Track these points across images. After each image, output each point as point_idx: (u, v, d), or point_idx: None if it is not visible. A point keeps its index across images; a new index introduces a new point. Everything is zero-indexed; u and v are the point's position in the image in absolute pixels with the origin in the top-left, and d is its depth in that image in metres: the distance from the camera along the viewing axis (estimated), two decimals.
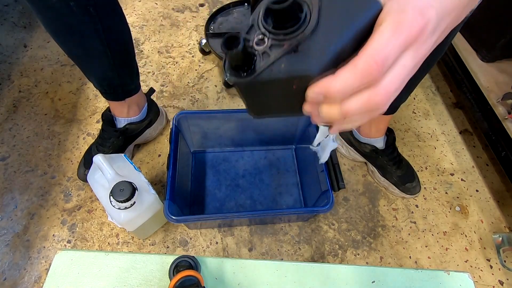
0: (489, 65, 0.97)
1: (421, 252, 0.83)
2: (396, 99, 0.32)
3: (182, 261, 0.44)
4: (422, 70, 0.68)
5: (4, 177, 0.88)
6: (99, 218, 0.82)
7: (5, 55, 1.13)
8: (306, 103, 0.24)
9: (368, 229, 0.85)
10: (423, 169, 0.97)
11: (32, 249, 0.78)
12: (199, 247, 0.80)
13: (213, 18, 1.12)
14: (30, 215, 0.82)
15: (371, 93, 0.21)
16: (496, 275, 0.81)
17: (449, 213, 0.89)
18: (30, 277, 0.74)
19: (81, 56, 0.68)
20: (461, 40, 1.02)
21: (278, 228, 0.84)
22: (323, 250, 0.81)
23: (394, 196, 0.91)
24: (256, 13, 0.24)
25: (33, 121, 0.98)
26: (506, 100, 0.86)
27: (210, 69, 1.15)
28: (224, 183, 0.89)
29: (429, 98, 1.14)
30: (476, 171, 0.98)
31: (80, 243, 0.79)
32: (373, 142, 0.87)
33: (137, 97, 0.83)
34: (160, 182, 0.89)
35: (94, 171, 0.70)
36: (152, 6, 1.33)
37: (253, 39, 0.23)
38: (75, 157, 0.92)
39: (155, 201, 0.69)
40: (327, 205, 0.66)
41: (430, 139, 1.04)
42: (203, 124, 0.83)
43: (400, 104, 0.77)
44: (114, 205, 0.63)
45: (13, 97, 1.03)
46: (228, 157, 0.93)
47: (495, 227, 0.88)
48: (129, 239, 0.80)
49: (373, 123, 0.83)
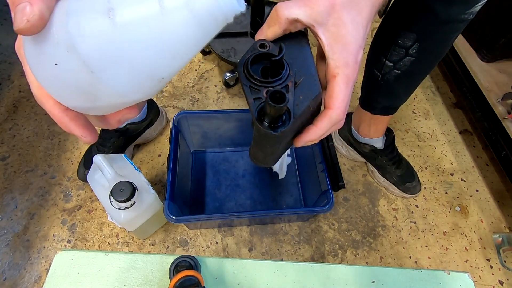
0: (489, 65, 0.97)
1: (421, 252, 0.83)
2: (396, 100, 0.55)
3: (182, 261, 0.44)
4: (423, 72, 0.69)
5: (4, 177, 0.88)
6: (99, 218, 0.82)
7: (5, 55, 1.13)
8: (299, 142, 0.35)
9: (368, 229, 0.85)
10: (423, 169, 0.97)
11: (32, 249, 0.78)
12: (199, 247, 0.80)
13: None
14: (30, 215, 0.82)
15: (337, 124, 0.33)
16: (496, 275, 0.81)
17: (449, 213, 0.89)
18: (30, 277, 0.74)
19: None
20: (461, 40, 1.02)
21: (278, 228, 0.84)
22: (323, 250, 0.81)
23: (394, 196, 0.91)
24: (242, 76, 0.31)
25: (33, 121, 0.98)
26: (506, 100, 0.86)
27: (210, 69, 1.15)
28: (224, 183, 0.89)
29: (429, 98, 1.14)
30: (476, 171, 0.98)
31: (80, 243, 0.79)
32: (372, 142, 0.87)
33: None
34: (160, 182, 0.89)
35: (94, 171, 0.70)
36: None
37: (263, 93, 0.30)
38: (75, 157, 0.92)
39: (155, 201, 0.69)
40: (327, 205, 0.67)
41: (430, 139, 1.04)
42: (203, 124, 0.83)
43: (400, 104, 0.77)
44: (114, 205, 0.63)
45: (13, 97, 1.03)
46: (228, 157, 0.93)
47: (495, 227, 0.88)
48: (129, 239, 0.80)
49: (372, 124, 0.83)
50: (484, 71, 0.95)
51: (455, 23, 0.56)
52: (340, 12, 0.30)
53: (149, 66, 0.20)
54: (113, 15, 0.18)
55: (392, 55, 0.64)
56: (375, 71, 0.69)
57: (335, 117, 0.31)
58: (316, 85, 0.32)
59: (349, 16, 0.31)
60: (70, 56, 0.19)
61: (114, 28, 0.18)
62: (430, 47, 0.61)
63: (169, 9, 0.18)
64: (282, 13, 0.30)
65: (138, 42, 0.19)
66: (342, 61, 0.31)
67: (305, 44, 0.33)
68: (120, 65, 0.19)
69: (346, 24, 0.30)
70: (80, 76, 0.19)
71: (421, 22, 0.57)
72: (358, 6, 0.31)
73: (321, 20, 0.30)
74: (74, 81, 0.20)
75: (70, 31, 0.18)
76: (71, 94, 0.21)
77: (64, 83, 0.20)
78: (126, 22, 0.18)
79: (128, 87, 0.21)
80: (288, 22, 0.31)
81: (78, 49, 0.18)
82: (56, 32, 0.19)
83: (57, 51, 0.19)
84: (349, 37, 0.31)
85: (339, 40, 0.31)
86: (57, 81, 0.20)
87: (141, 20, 0.18)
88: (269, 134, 0.29)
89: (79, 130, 0.25)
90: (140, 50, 0.19)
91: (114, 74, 0.19)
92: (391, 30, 0.63)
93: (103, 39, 0.18)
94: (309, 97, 0.31)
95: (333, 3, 0.30)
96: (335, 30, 0.31)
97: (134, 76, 0.20)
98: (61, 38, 0.18)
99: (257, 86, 0.30)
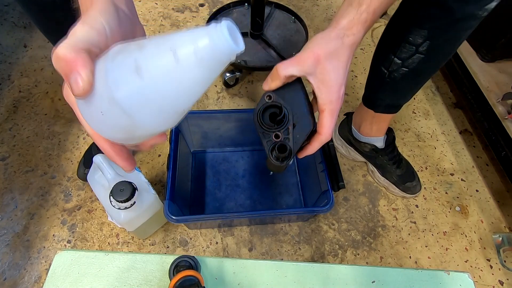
0: (489, 65, 0.97)
1: (421, 252, 0.83)
2: (401, 98, 0.73)
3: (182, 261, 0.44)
4: (430, 71, 0.68)
5: (4, 177, 0.88)
6: (99, 218, 0.82)
7: (5, 55, 1.13)
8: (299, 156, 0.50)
9: (368, 229, 0.85)
10: (423, 169, 0.97)
11: (32, 249, 0.78)
12: (199, 247, 0.80)
13: (213, 19, 1.12)
14: (30, 215, 0.82)
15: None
16: (496, 275, 0.81)
17: (449, 213, 0.89)
18: (30, 277, 0.74)
19: None
20: None
21: (278, 228, 0.84)
22: (323, 250, 0.81)
23: (394, 196, 0.91)
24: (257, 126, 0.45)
25: (33, 121, 0.98)
26: (506, 100, 0.86)
27: None
28: (224, 183, 0.89)
29: (429, 98, 1.14)
30: (476, 171, 0.98)
31: (80, 243, 0.79)
32: (373, 141, 0.87)
33: None
34: (160, 182, 0.89)
35: (94, 171, 0.70)
36: (152, 6, 1.33)
37: (272, 137, 0.44)
38: (75, 157, 0.92)
39: (155, 201, 0.69)
40: (327, 205, 0.66)
41: (430, 139, 1.04)
42: (203, 124, 0.83)
43: (404, 103, 0.77)
44: (114, 205, 0.63)
45: (13, 97, 1.03)
46: (228, 157, 0.93)
47: (495, 227, 0.88)
48: (129, 239, 0.80)
49: (374, 123, 0.83)
50: (484, 71, 0.95)
51: (470, 20, 0.55)
52: (323, 63, 0.41)
53: (172, 105, 0.25)
54: (140, 72, 0.23)
55: (402, 52, 0.63)
56: (383, 68, 0.69)
57: (324, 139, 0.45)
58: (308, 124, 0.45)
59: (331, 64, 0.41)
60: (112, 106, 0.24)
61: (142, 81, 0.23)
62: (441, 45, 0.60)
63: (182, 59, 0.23)
64: (281, 72, 0.42)
65: (162, 88, 0.24)
66: (327, 100, 0.42)
67: (299, 89, 0.45)
68: (150, 108, 0.24)
69: (329, 71, 0.41)
70: (120, 119, 0.25)
71: (434, 19, 0.56)
72: (338, 55, 0.42)
73: (310, 71, 0.42)
74: (116, 123, 0.25)
75: (110, 87, 0.24)
76: (114, 132, 0.27)
77: (108, 125, 0.26)
78: (150, 75, 0.23)
79: (157, 123, 0.26)
80: (286, 78, 0.42)
81: (117, 100, 0.24)
82: (99, 89, 0.24)
83: (101, 103, 0.24)
84: (332, 81, 0.42)
85: (324, 83, 0.42)
86: (103, 124, 0.26)
87: (162, 71, 0.23)
88: (277, 164, 0.45)
89: (122, 162, 0.32)
90: (164, 95, 0.24)
91: (145, 115, 0.25)
92: (401, 27, 0.62)
93: (135, 90, 0.23)
94: (303, 134, 0.45)
95: (317, 58, 0.41)
96: (321, 77, 0.42)
97: (161, 114, 0.26)
98: (104, 93, 0.24)
99: (268, 131, 0.44)
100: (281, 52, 1.05)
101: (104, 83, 0.24)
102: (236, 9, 1.17)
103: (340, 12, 0.44)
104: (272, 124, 0.43)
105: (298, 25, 1.14)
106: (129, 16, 0.32)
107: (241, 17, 1.15)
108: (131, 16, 0.32)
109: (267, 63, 1.03)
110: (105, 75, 0.24)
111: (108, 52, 0.25)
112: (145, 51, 0.23)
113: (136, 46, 0.24)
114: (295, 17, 1.15)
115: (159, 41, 0.24)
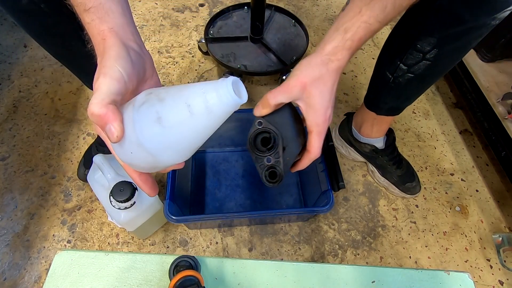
0: (489, 65, 0.97)
1: (421, 252, 0.83)
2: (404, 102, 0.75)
3: (182, 261, 0.44)
4: (436, 76, 0.68)
5: (4, 177, 0.88)
6: (99, 218, 0.82)
7: (5, 55, 1.13)
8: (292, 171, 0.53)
9: (368, 229, 0.85)
10: (423, 169, 0.97)
11: (32, 249, 0.78)
12: (199, 247, 0.80)
13: (212, 22, 1.12)
14: (30, 215, 0.82)
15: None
16: (496, 275, 0.81)
17: (449, 213, 0.89)
18: (30, 277, 0.74)
19: (66, 57, 0.66)
20: None
21: (278, 228, 0.84)
22: (323, 250, 0.81)
23: (394, 196, 0.91)
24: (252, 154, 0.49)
25: (33, 121, 0.98)
26: (506, 100, 0.86)
27: (210, 69, 1.15)
28: (224, 183, 0.89)
29: (429, 98, 1.14)
30: (476, 171, 0.98)
31: (80, 243, 0.79)
32: (373, 142, 0.87)
33: None
34: (160, 182, 0.89)
35: (94, 171, 0.70)
36: (152, 6, 1.33)
37: (265, 162, 0.48)
38: (75, 157, 0.92)
39: (155, 201, 0.69)
40: (327, 205, 0.67)
41: (430, 139, 1.04)
42: None
43: (407, 106, 0.77)
44: (114, 205, 0.63)
45: (13, 97, 1.03)
46: (228, 157, 0.93)
47: (495, 227, 0.88)
48: (129, 239, 0.80)
49: (375, 124, 0.82)
50: (484, 71, 0.95)
51: (481, 29, 0.54)
52: (309, 89, 0.44)
53: (186, 146, 0.32)
54: (161, 122, 0.29)
55: (408, 59, 0.62)
56: (387, 73, 0.68)
57: (313, 157, 0.48)
58: (296, 146, 0.48)
59: (317, 90, 0.44)
60: (139, 149, 0.30)
61: (163, 130, 0.29)
62: (449, 53, 0.59)
63: (196, 113, 0.29)
64: (271, 101, 0.45)
65: (179, 135, 0.30)
66: (314, 122, 0.45)
67: (288, 114, 0.48)
68: (170, 149, 0.31)
69: (315, 96, 0.44)
70: (146, 158, 0.31)
71: (445, 27, 0.55)
72: (323, 80, 0.44)
73: (298, 97, 0.45)
74: (143, 160, 0.32)
75: (137, 134, 0.30)
76: (141, 165, 0.34)
77: (137, 161, 0.33)
78: (170, 125, 0.29)
79: (175, 159, 0.33)
80: (276, 106, 0.46)
81: (143, 144, 0.30)
82: (128, 135, 0.30)
83: (131, 146, 0.31)
84: (318, 105, 0.44)
85: (311, 107, 0.45)
86: (132, 160, 0.33)
87: (179, 122, 0.29)
88: (270, 186, 0.49)
89: (148, 189, 0.38)
90: (180, 139, 0.31)
91: (166, 154, 0.31)
92: (409, 33, 0.60)
93: (157, 137, 0.30)
94: (292, 156, 0.48)
95: (304, 85, 0.44)
96: (307, 101, 0.45)
97: (179, 153, 0.33)
98: (133, 139, 0.30)
99: (261, 156, 0.48)
100: (281, 57, 1.03)
101: (132, 130, 0.30)
102: (236, 13, 1.16)
103: (326, 37, 0.45)
104: (263, 149, 0.47)
105: (298, 28, 1.13)
106: (139, 52, 0.35)
107: (241, 21, 1.14)
108: (140, 50, 0.36)
109: (267, 68, 1.02)
110: (132, 124, 0.30)
111: (134, 102, 0.31)
112: (164, 104, 0.29)
113: (157, 98, 0.30)
114: (295, 20, 1.14)
115: (175, 95, 0.29)
